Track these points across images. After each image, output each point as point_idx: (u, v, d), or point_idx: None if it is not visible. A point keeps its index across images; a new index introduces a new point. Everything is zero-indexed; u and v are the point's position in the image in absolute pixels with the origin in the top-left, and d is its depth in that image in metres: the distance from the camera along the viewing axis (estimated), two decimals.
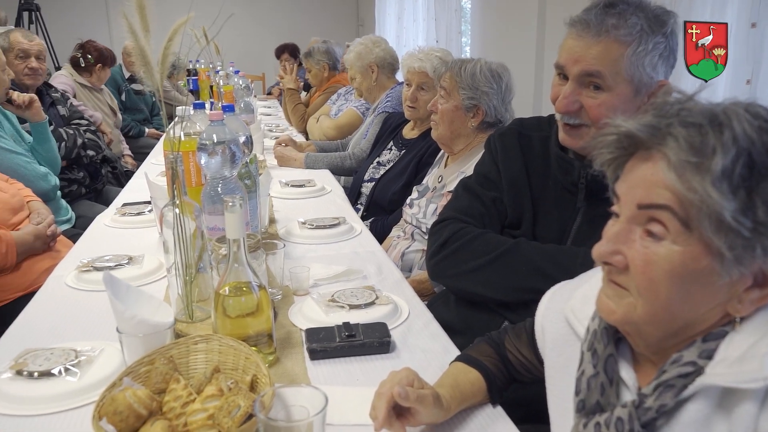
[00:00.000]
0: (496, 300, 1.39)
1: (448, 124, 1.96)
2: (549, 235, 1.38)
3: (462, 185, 1.59)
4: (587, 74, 1.21)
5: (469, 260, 1.41)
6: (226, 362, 1.01)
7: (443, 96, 1.97)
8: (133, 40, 1.11)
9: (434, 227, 1.54)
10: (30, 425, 0.98)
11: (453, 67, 1.94)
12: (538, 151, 1.44)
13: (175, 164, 1.25)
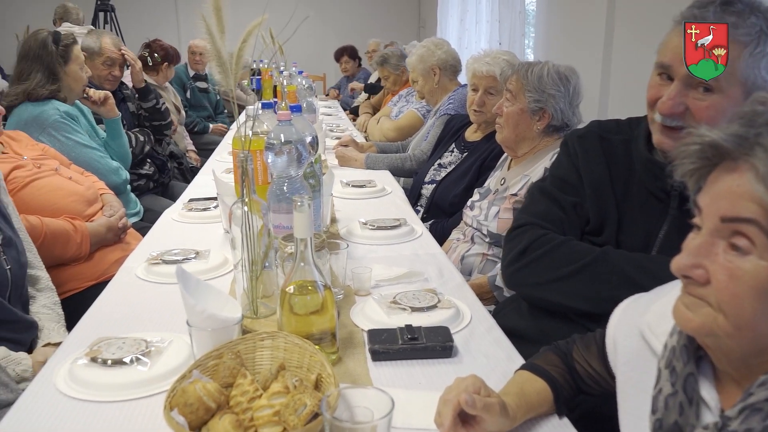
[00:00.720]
0: (580, 310, 1.33)
1: (513, 127, 1.93)
2: (633, 242, 1.32)
3: (538, 189, 1.52)
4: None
5: (554, 269, 1.35)
6: (291, 360, 1.03)
7: (509, 99, 1.94)
8: (209, 41, 1.14)
9: (511, 233, 1.49)
10: (103, 411, 1.02)
11: (520, 70, 1.91)
12: (620, 154, 1.38)
13: (245, 162, 1.27)
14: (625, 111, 1.55)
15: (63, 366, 1.13)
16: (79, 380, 1.07)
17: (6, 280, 1.52)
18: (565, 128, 1.93)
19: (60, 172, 2.17)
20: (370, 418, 0.86)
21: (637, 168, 1.33)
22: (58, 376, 1.10)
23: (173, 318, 1.35)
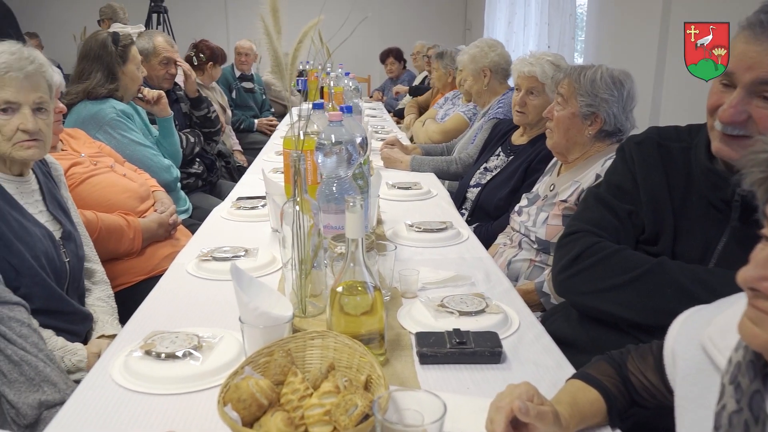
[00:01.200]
0: (632, 321, 1.30)
1: (564, 131, 1.90)
2: (690, 253, 1.29)
3: (593, 195, 1.49)
4: (762, 82, 1.10)
5: (607, 278, 1.32)
6: (341, 360, 1.03)
7: (560, 103, 1.90)
8: (267, 41, 1.16)
9: (563, 239, 1.46)
10: (156, 403, 1.04)
11: (572, 73, 1.88)
12: (679, 162, 1.34)
13: (298, 162, 1.28)
14: (678, 117, 1.51)
15: (119, 357, 1.16)
16: (134, 372, 1.10)
17: (65, 273, 1.57)
18: (618, 134, 1.89)
19: (115, 169, 2.23)
20: (420, 421, 0.86)
21: (696, 177, 1.29)
22: (114, 368, 1.13)
23: (223, 314, 1.37)
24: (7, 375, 1.22)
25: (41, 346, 1.31)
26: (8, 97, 1.46)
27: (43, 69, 1.52)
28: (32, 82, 1.49)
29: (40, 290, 1.41)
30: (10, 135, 1.47)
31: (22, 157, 1.50)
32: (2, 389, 1.20)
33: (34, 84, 1.49)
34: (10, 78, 1.45)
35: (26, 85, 1.47)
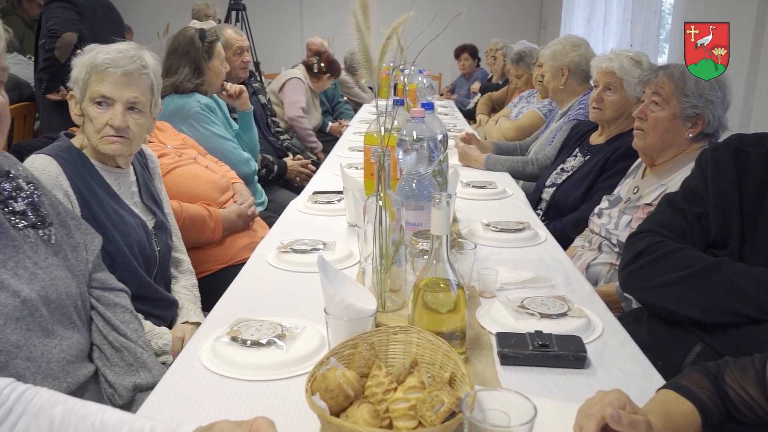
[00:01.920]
0: (691, 318, 1.35)
1: (661, 133, 1.82)
2: (758, 259, 1.29)
3: (666, 199, 1.54)
4: None
5: (663, 274, 1.38)
6: (424, 356, 1.03)
7: (658, 103, 1.83)
8: (358, 37, 1.17)
9: (630, 239, 1.51)
10: (242, 388, 1.07)
11: (674, 72, 1.80)
12: (755, 168, 1.35)
13: (383, 158, 1.29)
14: None
15: (206, 342, 1.20)
16: (221, 357, 1.13)
17: (155, 261, 1.64)
18: (713, 136, 1.81)
19: (198, 161, 2.31)
20: (506, 422, 0.84)
21: None
22: (202, 351, 1.17)
23: (303, 305, 1.40)
24: (110, 359, 1.28)
25: (140, 333, 1.37)
26: (104, 92, 1.53)
27: (146, 70, 1.58)
28: (130, 81, 1.55)
29: (130, 277, 1.47)
30: (99, 128, 1.54)
31: (105, 150, 1.57)
32: (103, 370, 1.27)
33: (131, 83, 1.55)
34: (109, 73, 1.52)
35: (123, 82, 1.54)
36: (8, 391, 0.87)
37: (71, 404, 0.88)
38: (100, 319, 1.31)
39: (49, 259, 1.21)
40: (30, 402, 0.87)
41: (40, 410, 0.86)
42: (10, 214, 1.18)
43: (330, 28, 7.66)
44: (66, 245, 1.27)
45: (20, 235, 1.17)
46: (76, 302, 1.24)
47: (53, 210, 1.28)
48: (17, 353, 1.07)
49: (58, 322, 1.18)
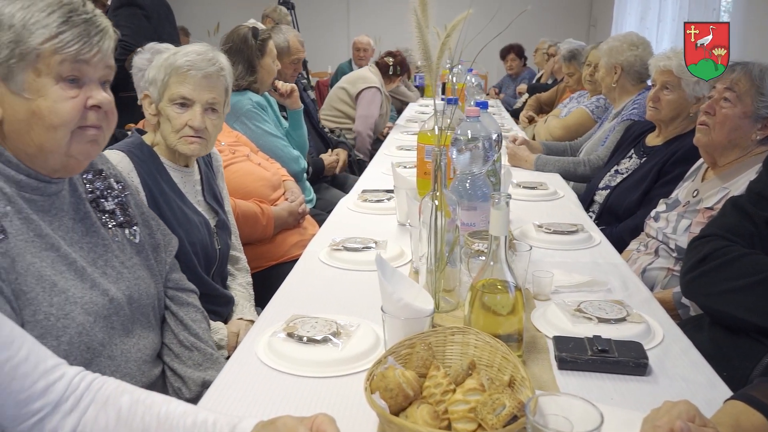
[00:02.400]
0: (759, 327, 1.30)
1: (728, 131, 1.75)
2: None
3: (731, 202, 1.49)
4: None
5: (729, 280, 1.33)
6: (482, 358, 1.02)
7: (730, 99, 1.74)
8: (418, 35, 1.16)
9: (693, 243, 1.47)
10: (299, 384, 1.08)
11: (752, 69, 1.73)
12: None
13: (439, 157, 1.28)
14: None
15: (262, 337, 1.21)
16: (278, 353, 1.15)
17: (214, 259, 1.67)
18: None
19: (251, 158, 2.34)
20: (569, 428, 0.83)
21: None
22: (259, 347, 1.18)
23: (356, 302, 1.40)
24: (179, 356, 1.31)
25: (209, 332, 1.40)
26: (185, 93, 1.56)
27: (223, 73, 1.62)
28: (209, 83, 1.59)
29: (189, 274, 1.50)
30: (178, 128, 1.57)
31: (183, 151, 1.60)
32: (172, 365, 1.30)
33: (210, 85, 1.59)
34: (190, 76, 1.56)
35: (203, 84, 1.57)
36: (78, 380, 0.89)
37: (137, 394, 0.90)
38: (173, 318, 1.34)
39: (133, 258, 1.24)
40: (99, 391, 0.90)
41: (108, 399, 0.89)
42: (101, 212, 1.21)
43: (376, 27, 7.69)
44: (148, 245, 1.30)
45: (109, 234, 1.20)
46: (154, 302, 1.27)
47: (138, 210, 1.31)
48: (101, 351, 1.10)
49: (138, 322, 1.21)
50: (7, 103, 1.03)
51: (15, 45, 1.00)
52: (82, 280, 1.09)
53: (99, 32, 1.06)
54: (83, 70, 1.05)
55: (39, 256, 1.03)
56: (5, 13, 1.00)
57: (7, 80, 1.02)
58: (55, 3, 1.02)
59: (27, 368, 0.83)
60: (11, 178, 1.04)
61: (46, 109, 1.03)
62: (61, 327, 1.03)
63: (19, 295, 1.00)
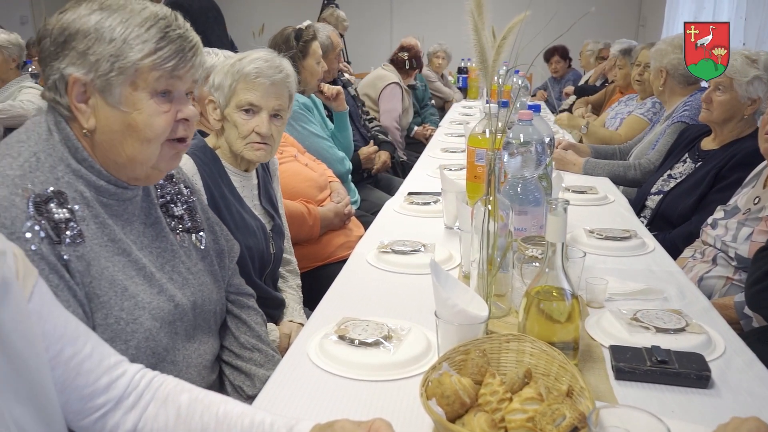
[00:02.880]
0: None
1: None
2: None
3: None
4: None
5: None
6: (538, 366, 1.00)
7: None
8: (475, 37, 1.15)
9: (760, 254, 1.43)
10: (351, 387, 1.08)
11: None
12: None
13: (493, 161, 1.26)
14: None
15: (314, 339, 1.22)
16: (330, 355, 1.15)
17: (269, 263, 1.69)
18: None
19: (298, 159, 2.36)
20: None
21: None
22: (311, 348, 1.19)
23: (406, 306, 1.39)
24: (241, 356, 1.32)
25: (268, 335, 1.40)
26: (252, 100, 1.59)
27: (289, 80, 1.64)
28: (276, 90, 1.61)
29: (244, 278, 1.50)
30: (245, 134, 1.60)
31: (250, 157, 1.62)
32: (235, 363, 1.31)
33: (277, 92, 1.61)
34: (258, 83, 1.58)
35: (271, 91, 1.59)
36: (139, 377, 0.91)
37: (196, 393, 0.91)
38: (234, 321, 1.35)
39: (198, 264, 1.25)
40: (159, 388, 0.91)
41: (168, 397, 0.90)
42: (170, 217, 1.23)
43: (419, 27, 7.67)
44: (213, 251, 1.31)
45: (177, 240, 1.21)
46: (216, 308, 1.28)
47: (204, 215, 1.32)
48: (165, 356, 1.11)
49: (200, 328, 1.22)
50: (102, 114, 1.04)
51: (115, 59, 1.01)
52: (150, 285, 1.10)
53: (192, 47, 1.07)
54: (175, 84, 1.07)
55: (112, 261, 1.05)
56: (106, 26, 1.01)
57: (104, 93, 1.03)
58: (151, 17, 1.03)
59: (91, 364, 0.85)
60: (92, 183, 1.06)
61: (142, 123, 1.04)
62: (129, 331, 1.05)
63: (92, 298, 1.01)
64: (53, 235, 0.98)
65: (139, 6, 1.05)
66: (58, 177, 1.03)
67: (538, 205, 1.56)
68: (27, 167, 1.00)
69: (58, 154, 1.04)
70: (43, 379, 0.79)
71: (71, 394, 0.84)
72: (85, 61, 1.02)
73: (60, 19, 1.04)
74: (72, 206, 1.01)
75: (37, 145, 1.04)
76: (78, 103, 1.04)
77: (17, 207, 0.95)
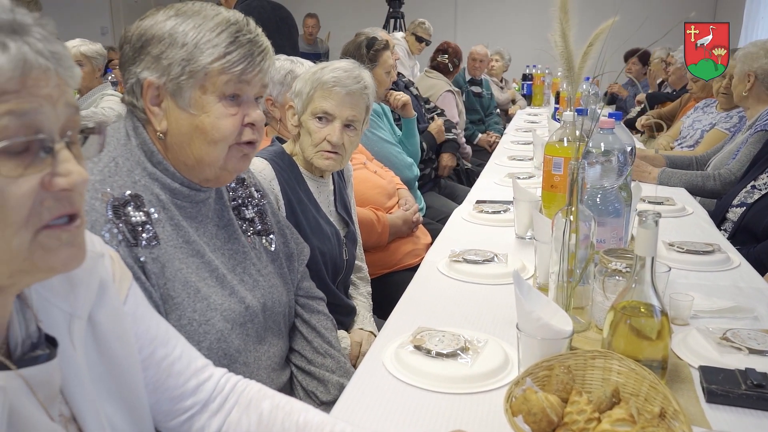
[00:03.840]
0: None
1: None
2: None
3: None
4: None
5: None
6: (626, 385, 0.96)
7: None
8: (562, 44, 1.12)
9: None
10: (428, 398, 1.06)
11: None
12: None
13: (576, 171, 1.23)
14: None
15: (389, 348, 1.21)
16: (406, 365, 1.13)
17: (342, 269, 1.70)
18: None
19: (367, 166, 2.37)
20: None
21: None
22: (386, 357, 1.18)
23: (480, 317, 1.37)
24: (313, 361, 1.33)
25: (339, 341, 1.41)
26: (327, 108, 1.61)
27: (366, 91, 1.65)
28: (352, 100, 1.62)
29: (317, 283, 1.51)
30: (317, 142, 1.62)
31: (319, 165, 1.64)
32: (308, 368, 1.32)
33: (353, 102, 1.62)
34: (334, 91, 1.60)
35: (346, 101, 1.61)
36: (224, 381, 0.92)
37: (277, 399, 0.92)
38: (305, 325, 1.36)
39: (269, 267, 1.26)
40: (242, 393, 0.92)
41: (251, 402, 0.91)
42: (242, 220, 1.25)
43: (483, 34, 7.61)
44: (282, 254, 1.32)
45: (248, 242, 1.23)
46: (285, 311, 1.29)
47: (274, 218, 1.34)
48: (237, 357, 1.12)
49: (269, 329, 1.23)
50: (173, 117, 1.08)
51: (186, 63, 1.04)
52: (222, 287, 1.12)
53: (261, 52, 1.09)
54: (243, 88, 1.09)
55: (185, 262, 1.07)
56: (179, 31, 1.05)
57: (175, 96, 1.07)
58: (223, 22, 1.06)
59: (181, 366, 0.87)
60: (167, 186, 1.09)
61: (209, 125, 1.07)
62: (202, 333, 1.07)
63: (167, 299, 1.04)
64: (130, 237, 1.01)
65: (212, 12, 1.07)
66: (135, 180, 1.06)
67: (618, 216, 1.51)
68: (107, 172, 1.04)
69: (135, 158, 1.08)
70: (135, 379, 0.81)
71: (162, 395, 0.86)
72: (158, 65, 1.05)
73: (139, 25, 1.08)
74: (148, 209, 1.04)
75: (115, 150, 1.07)
76: (152, 106, 1.08)
77: (97, 211, 0.99)
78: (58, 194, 0.61)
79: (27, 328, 0.69)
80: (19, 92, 0.58)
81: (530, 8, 8.22)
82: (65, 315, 0.73)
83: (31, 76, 0.58)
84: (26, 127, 0.58)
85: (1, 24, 0.58)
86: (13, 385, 0.63)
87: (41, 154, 0.60)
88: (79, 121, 0.65)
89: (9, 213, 0.58)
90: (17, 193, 0.58)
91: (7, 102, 0.57)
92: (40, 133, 0.59)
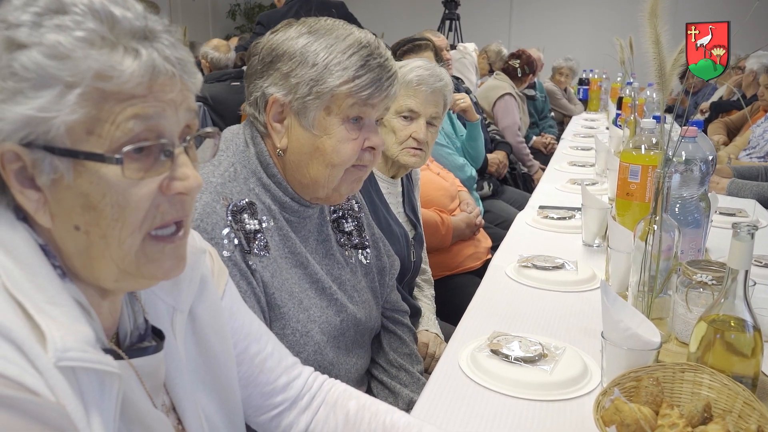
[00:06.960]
0: None
1: None
2: None
3: None
4: None
5: None
6: (718, 401, 0.93)
7: None
8: (654, 49, 1.10)
9: None
10: (506, 404, 1.05)
11: None
12: None
13: (662, 180, 1.20)
14: None
15: (464, 351, 1.21)
16: (484, 369, 1.13)
17: (409, 271, 1.70)
18: None
19: (430, 168, 2.36)
20: None
21: None
22: (462, 360, 1.17)
23: (554, 323, 1.36)
24: (389, 372, 1.32)
25: (417, 355, 1.39)
26: (412, 106, 1.62)
27: (447, 89, 1.67)
28: (435, 98, 1.64)
29: None
30: (402, 139, 1.63)
31: (405, 162, 1.65)
32: (384, 379, 1.32)
33: (435, 100, 1.64)
34: (419, 90, 1.62)
35: (430, 99, 1.63)
36: (312, 379, 0.94)
37: (363, 400, 0.92)
38: (389, 337, 1.36)
39: (362, 281, 1.26)
40: (329, 392, 0.93)
41: (337, 401, 0.92)
42: (340, 233, 1.25)
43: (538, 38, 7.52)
44: (375, 267, 1.32)
45: (345, 256, 1.24)
46: (373, 325, 1.29)
47: (369, 231, 1.33)
48: (330, 370, 1.12)
49: (356, 342, 1.23)
50: (294, 135, 1.08)
51: (315, 83, 1.03)
52: (320, 299, 1.13)
53: (389, 77, 1.08)
54: (367, 112, 1.08)
55: (290, 273, 1.08)
56: (311, 50, 1.04)
57: (299, 115, 1.06)
58: (355, 44, 1.05)
59: (272, 363, 0.89)
60: (277, 198, 1.10)
61: (330, 148, 1.07)
62: (302, 344, 1.08)
63: (273, 308, 1.05)
64: (245, 243, 1.02)
65: (345, 32, 1.06)
66: (251, 188, 1.07)
67: (698, 227, 1.48)
68: (227, 176, 1.06)
69: (252, 167, 1.09)
70: (229, 373, 0.83)
71: (254, 390, 0.87)
72: (286, 83, 1.05)
73: (270, 39, 1.08)
74: (260, 217, 1.06)
75: (234, 156, 1.09)
76: (274, 122, 1.08)
77: (218, 214, 1.01)
78: (173, 198, 0.63)
79: (135, 320, 0.71)
80: (146, 97, 0.59)
81: (586, 12, 8.09)
82: (169, 308, 0.75)
83: (158, 81, 0.60)
84: (150, 131, 0.60)
85: (135, 31, 0.59)
86: (126, 373, 0.66)
87: (162, 157, 0.61)
88: (197, 125, 0.66)
89: (129, 214, 0.60)
90: (138, 195, 0.60)
91: (134, 106, 0.58)
92: (163, 137, 0.61)
